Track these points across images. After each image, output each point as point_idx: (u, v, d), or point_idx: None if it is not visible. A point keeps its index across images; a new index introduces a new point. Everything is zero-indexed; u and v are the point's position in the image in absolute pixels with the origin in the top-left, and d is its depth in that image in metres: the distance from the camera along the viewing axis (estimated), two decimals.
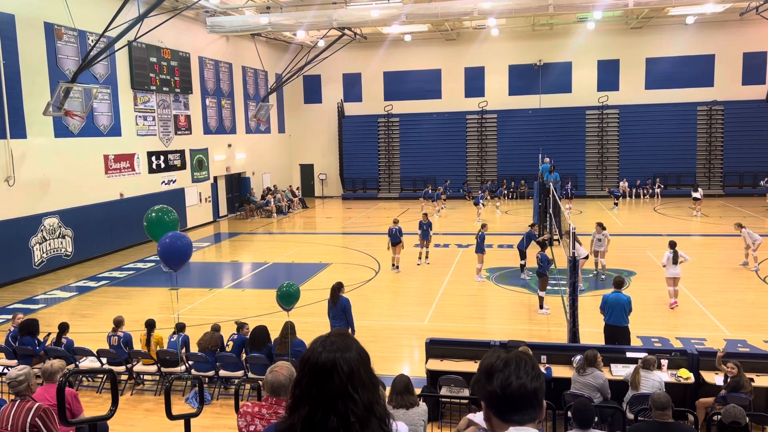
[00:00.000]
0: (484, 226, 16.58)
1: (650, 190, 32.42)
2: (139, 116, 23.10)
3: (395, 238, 17.37)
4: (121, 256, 20.96)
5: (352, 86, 36.88)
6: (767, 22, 28.07)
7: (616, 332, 9.88)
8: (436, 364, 8.99)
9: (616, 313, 9.82)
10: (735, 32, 31.70)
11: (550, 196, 20.78)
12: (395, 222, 17.81)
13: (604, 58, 33.75)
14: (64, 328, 10.35)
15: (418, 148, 35.82)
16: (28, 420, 5.04)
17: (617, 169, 33.88)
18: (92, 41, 19.50)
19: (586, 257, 15.01)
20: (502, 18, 28.19)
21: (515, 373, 1.95)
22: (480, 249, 16.02)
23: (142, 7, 19.32)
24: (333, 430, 1.91)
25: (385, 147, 36.48)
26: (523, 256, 16.26)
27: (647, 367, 7.78)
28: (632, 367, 8.13)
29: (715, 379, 7.98)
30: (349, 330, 9.81)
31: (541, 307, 13.22)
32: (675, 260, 13.14)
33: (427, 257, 18.25)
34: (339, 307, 10.06)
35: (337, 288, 10.14)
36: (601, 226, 16.06)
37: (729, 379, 7.52)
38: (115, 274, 18.50)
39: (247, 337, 9.75)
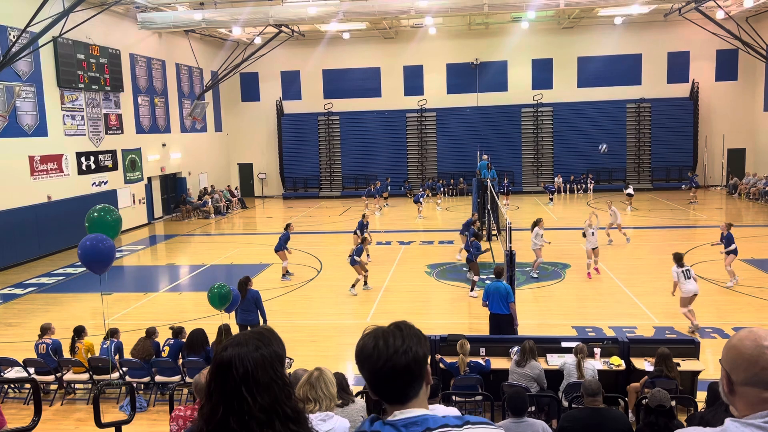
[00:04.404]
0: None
1: (583, 186, 33.48)
2: (67, 115, 22.16)
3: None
4: (49, 261, 20.06)
5: (291, 84, 36.49)
6: (689, 23, 29.44)
7: (500, 320, 10.20)
8: None
9: (497, 302, 10.20)
10: (660, 33, 33.09)
11: (488, 192, 21.17)
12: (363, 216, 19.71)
13: (538, 57, 34.59)
14: None
15: (358, 147, 35.79)
16: None
17: (552, 165, 34.81)
18: (14, 37, 18.58)
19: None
20: (439, 17, 28.48)
21: (384, 353, 1.84)
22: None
23: (67, 2, 18.53)
24: (234, 431, 1.88)
25: (326, 145, 36.28)
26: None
27: (577, 355, 8.04)
28: (567, 356, 8.37)
29: (645, 365, 8.30)
30: (261, 321, 10.13)
31: (472, 289, 14.14)
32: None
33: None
34: (250, 300, 10.29)
35: (245, 282, 10.38)
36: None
37: (653, 368, 7.87)
38: (44, 280, 17.69)
39: (184, 341, 9.51)
